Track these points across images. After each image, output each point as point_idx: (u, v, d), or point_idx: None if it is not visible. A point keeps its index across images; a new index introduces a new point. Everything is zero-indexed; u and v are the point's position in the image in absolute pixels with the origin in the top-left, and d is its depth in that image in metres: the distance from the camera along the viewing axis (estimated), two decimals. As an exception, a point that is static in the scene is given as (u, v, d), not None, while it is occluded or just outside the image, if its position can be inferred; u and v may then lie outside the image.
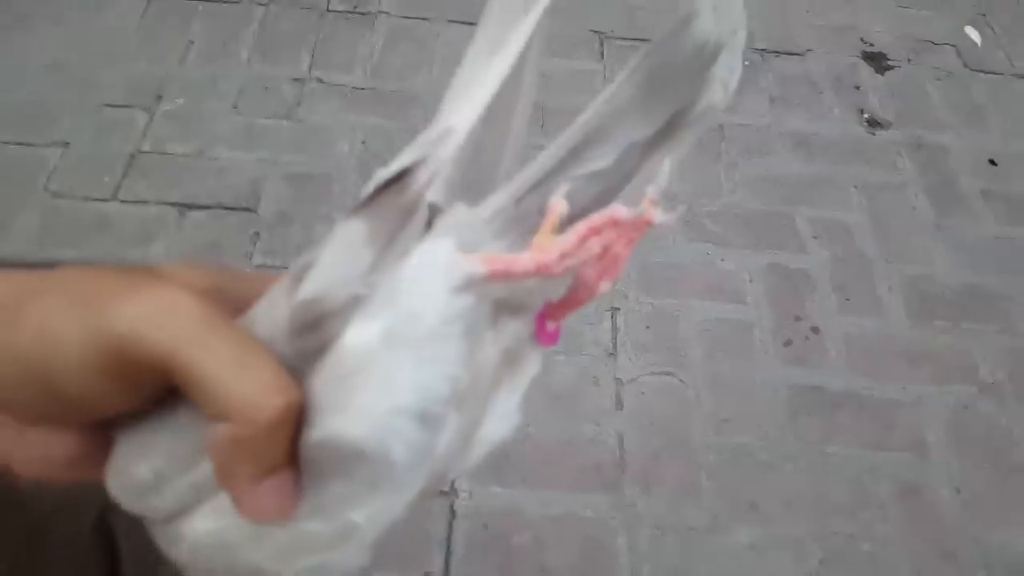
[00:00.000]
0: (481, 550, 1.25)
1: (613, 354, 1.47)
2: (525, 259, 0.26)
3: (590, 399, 1.42)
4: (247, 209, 1.60)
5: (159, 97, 1.77)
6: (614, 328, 1.50)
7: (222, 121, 1.75)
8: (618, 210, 0.26)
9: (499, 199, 0.28)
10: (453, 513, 1.28)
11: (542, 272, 0.26)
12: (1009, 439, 1.42)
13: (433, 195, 0.28)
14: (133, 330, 0.23)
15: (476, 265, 0.26)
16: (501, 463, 1.33)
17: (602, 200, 0.28)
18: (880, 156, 1.85)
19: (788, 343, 1.52)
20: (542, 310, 0.30)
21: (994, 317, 1.58)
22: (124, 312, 0.24)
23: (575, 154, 0.28)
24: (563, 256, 0.26)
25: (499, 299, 0.28)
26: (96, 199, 1.59)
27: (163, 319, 0.24)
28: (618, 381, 1.44)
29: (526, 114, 0.33)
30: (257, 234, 1.57)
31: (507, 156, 0.33)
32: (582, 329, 1.49)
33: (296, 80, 1.84)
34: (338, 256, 0.26)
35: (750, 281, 1.60)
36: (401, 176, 0.27)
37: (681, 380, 1.45)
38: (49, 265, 0.27)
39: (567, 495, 1.31)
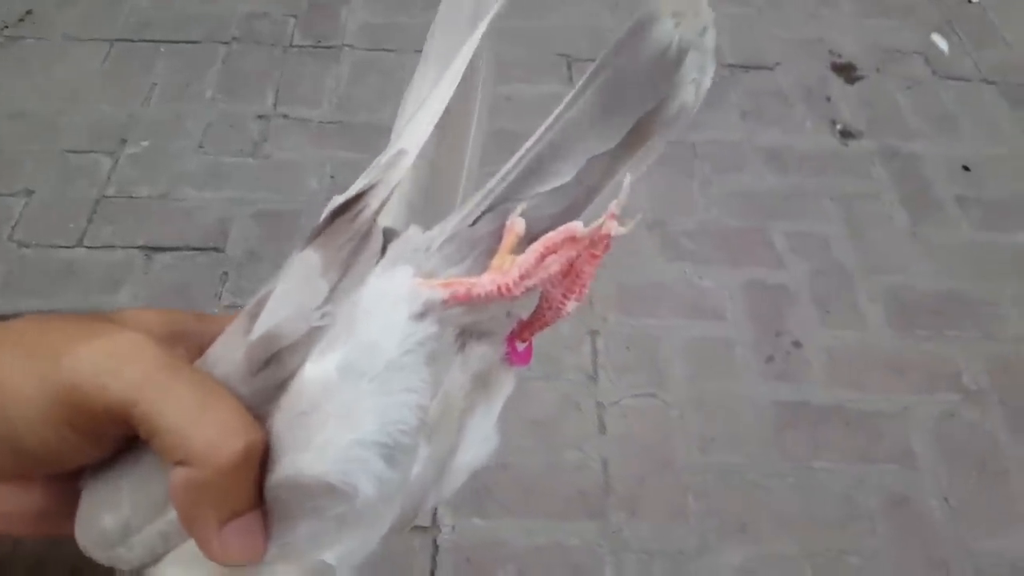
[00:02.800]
0: (465, 586, 1.22)
1: (594, 377, 1.45)
2: (485, 281, 0.25)
3: (572, 424, 1.39)
4: (215, 249, 1.58)
5: (123, 140, 1.76)
6: (594, 351, 1.48)
7: (188, 161, 1.73)
8: (574, 226, 0.26)
9: (453, 222, 0.27)
10: (436, 547, 1.25)
11: (503, 294, 0.25)
12: (995, 445, 1.40)
13: (392, 220, 0.28)
14: (88, 378, 0.23)
15: (435, 291, 0.25)
16: (483, 494, 1.30)
17: (566, 218, 0.27)
18: (854, 166, 1.84)
19: (770, 359, 1.50)
20: (511, 330, 0.30)
21: (975, 323, 1.57)
22: (78, 360, 0.23)
23: (530, 172, 0.27)
24: (523, 276, 0.25)
25: (463, 324, 0.27)
26: (62, 246, 1.57)
27: (118, 365, 0.23)
28: (600, 405, 1.42)
29: (481, 132, 0.33)
30: (226, 274, 1.54)
31: (465, 176, 0.32)
32: (561, 353, 1.47)
33: (261, 117, 1.83)
34: (292, 289, 0.26)
35: (729, 298, 1.58)
36: (353, 202, 0.26)
37: (664, 401, 1.43)
38: (6, 317, 0.26)
39: (551, 524, 1.29)
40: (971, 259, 1.68)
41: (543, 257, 0.26)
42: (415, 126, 0.27)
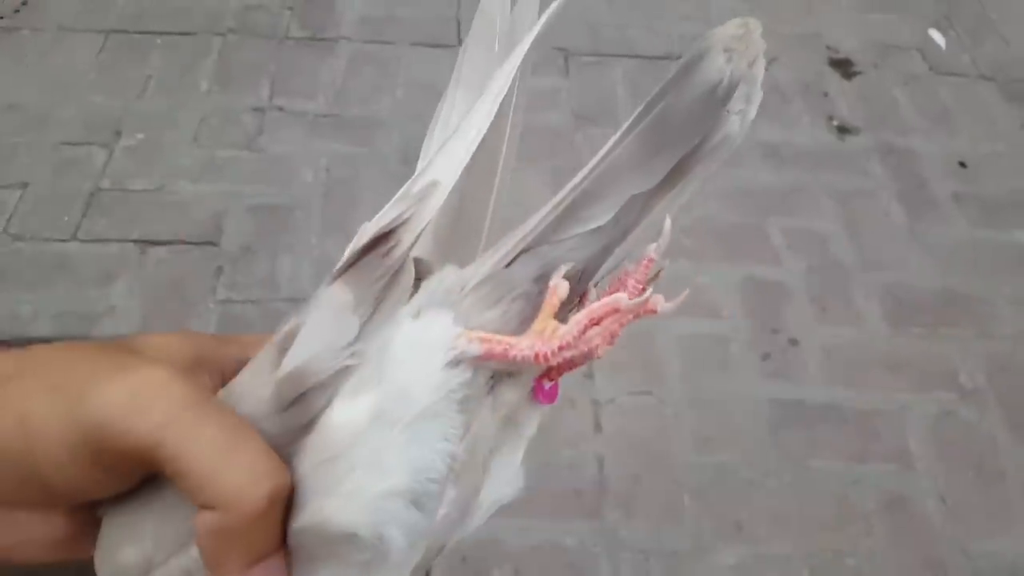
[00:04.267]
0: (460, 585, 1.22)
1: (589, 375, 1.45)
2: (524, 346, 0.25)
3: (568, 422, 1.39)
4: (209, 243, 1.57)
5: (118, 133, 1.74)
6: (589, 349, 1.48)
7: (182, 154, 1.72)
8: (619, 299, 0.26)
9: (489, 263, 0.27)
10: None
11: (539, 362, 0.25)
12: (992, 445, 1.41)
13: (418, 247, 0.27)
14: (114, 419, 0.23)
15: (473, 345, 0.25)
16: (477, 494, 1.29)
17: (600, 259, 0.27)
18: (851, 162, 1.84)
19: (766, 356, 1.49)
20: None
21: (971, 321, 1.57)
22: (104, 400, 0.23)
23: (569, 214, 0.27)
24: (563, 347, 0.25)
25: (496, 369, 0.27)
26: (56, 239, 1.56)
27: (144, 405, 0.23)
28: (595, 403, 1.42)
29: (511, 160, 0.32)
30: (220, 268, 1.53)
31: (493, 205, 0.32)
32: (556, 351, 1.47)
33: (257, 109, 1.82)
34: (322, 325, 0.25)
35: (726, 295, 1.58)
36: (385, 236, 0.25)
37: (660, 399, 1.43)
38: (24, 343, 0.26)
39: (547, 523, 1.28)
40: (968, 256, 1.68)
41: (586, 329, 0.25)
42: (448, 156, 0.26)
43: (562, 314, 0.26)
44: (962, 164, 1.85)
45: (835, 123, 1.92)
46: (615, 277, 0.27)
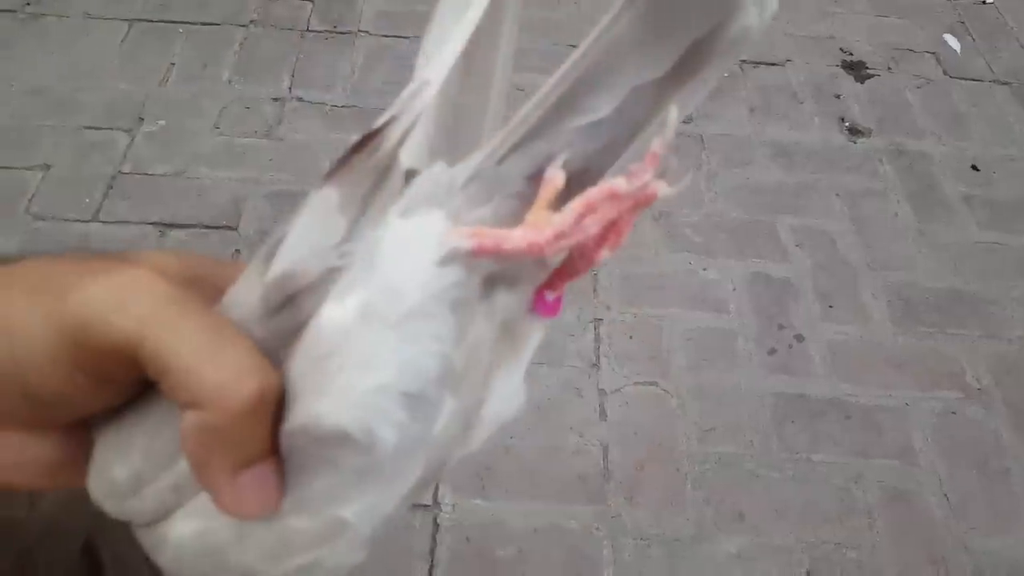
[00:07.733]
0: (465, 564, 1.24)
1: (596, 365, 1.46)
2: (516, 237, 0.24)
3: (574, 410, 1.41)
4: (228, 227, 1.60)
5: (140, 119, 1.78)
6: (597, 339, 1.50)
7: (203, 141, 1.75)
8: (617, 184, 0.24)
9: (478, 159, 0.26)
10: (436, 526, 1.27)
11: (533, 253, 0.24)
12: (996, 444, 1.41)
13: (413, 159, 0.26)
14: (95, 313, 0.22)
15: (463, 239, 0.24)
16: (484, 475, 1.31)
17: (604, 157, 0.26)
18: (861, 164, 1.85)
19: (772, 351, 1.51)
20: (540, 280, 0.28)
21: (978, 322, 1.58)
22: (85, 296, 0.22)
23: (564, 104, 0.25)
24: (558, 237, 0.24)
25: (491, 271, 0.25)
26: (77, 220, 1.59)
27: (126, 300, 0.22)
28: (602, 392, 1.43)
29: (507, 69, 0.30)
30: (238, 251, 1.56)
31: (490, 115, 0.30)
32: (565, 340, 1.49)
33: (276, 99, 1.85)
34: (310, 227, 0.24)
35: (733, 290, 1.59)
36: (373, 136, 0.24)
37: (665, 390, 1.45)
38: (9, 260, 0.25)
39: (551, 507, 1.30)
40: (977, 258, 1.68)
41: (582, 217, 0.24)
42: (438, 60, 0.25)
43: (559, 208, 0.24)
44: (974, 167, 1.86)
45: (847, 124, 1.93)
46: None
